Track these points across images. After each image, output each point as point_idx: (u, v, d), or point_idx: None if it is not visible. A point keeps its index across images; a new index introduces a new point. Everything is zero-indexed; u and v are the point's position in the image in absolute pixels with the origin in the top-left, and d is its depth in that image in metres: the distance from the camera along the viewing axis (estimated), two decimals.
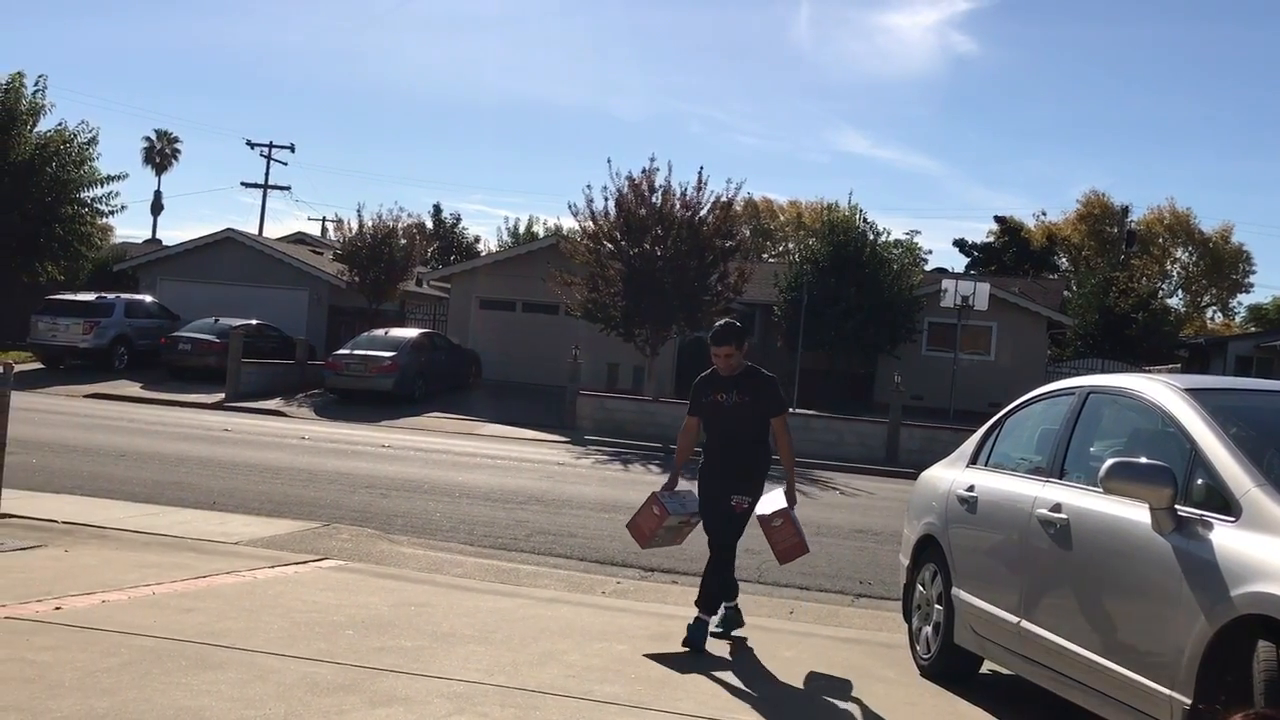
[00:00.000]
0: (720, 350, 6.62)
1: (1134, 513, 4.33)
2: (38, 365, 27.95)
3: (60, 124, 34.21)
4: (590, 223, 25.04)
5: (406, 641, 5.65)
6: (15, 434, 9.14)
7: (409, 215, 34.90)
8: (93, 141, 34.50)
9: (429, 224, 54.85)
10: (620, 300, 24.37)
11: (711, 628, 6.45)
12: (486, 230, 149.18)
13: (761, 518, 6.67)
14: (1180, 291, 66.15)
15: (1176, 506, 4.15)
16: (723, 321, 6.79)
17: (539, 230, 59.05)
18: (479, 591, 7.15)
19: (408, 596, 6.79)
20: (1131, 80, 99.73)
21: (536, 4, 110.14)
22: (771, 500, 6.80)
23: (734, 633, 6.72)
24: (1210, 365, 36.02)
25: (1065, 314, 37.45)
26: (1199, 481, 4.20)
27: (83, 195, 34.43)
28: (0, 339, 31.48)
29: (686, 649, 6.11)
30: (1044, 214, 67.76)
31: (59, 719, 4.03)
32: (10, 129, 32.46)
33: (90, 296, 29.57)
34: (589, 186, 32.94)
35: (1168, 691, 3.95)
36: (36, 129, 33.65)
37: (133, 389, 25.82)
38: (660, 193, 24.73)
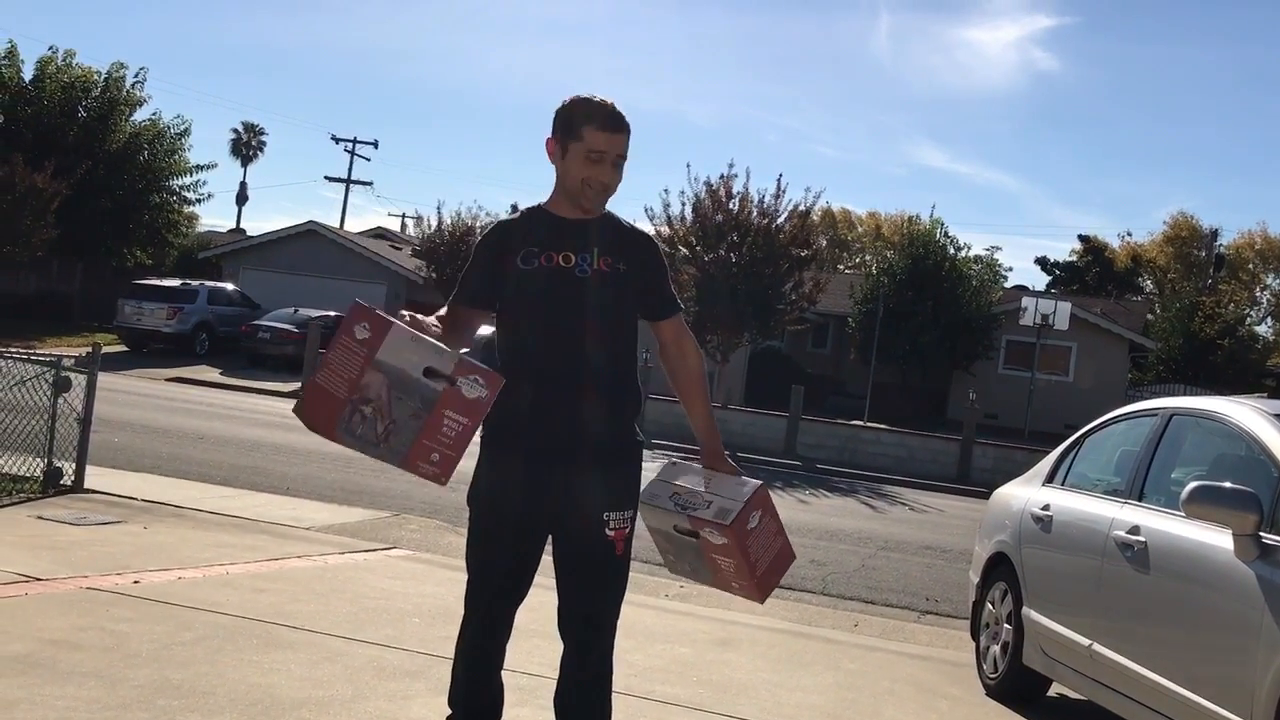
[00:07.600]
0: (605, 139, 3.19)
1: (1216, 538, 4.23)
2: (122, 348, 28.67)
3: (155, 114, 35.30)
4: (665, 227, 25.06)
5: None
6: (100, 413, 9.39)
7: (487, 214, 35.25)
8: (185, 134, 35.50)
9: None
10: (693, 306, 24.36)
11: None
12: None
13: (726, 526, 3.24)
14: (1270, 319, 64.39)
15: (1261, 533, 4.05)
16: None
17: None
18: (543, 588, 7.16)
19: None
20: (1222, 102, 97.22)
21: (616, 11, 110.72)
22: (692, 482, 3.40)
23: None
24: None
25: (1148, 337, 36.65)
26: None
27: (171, 183, 35.46)
28: (88, 321, 32.41)
29: None
30: (1129, 234, 66.50)
31: (136, 687, 4.14)
32: (109, 118, 33.53)
33: (175, 283, 30.32)
34: (665, 191, 33.04)
35: None
36: (132, 118, 34.71)
37: (212, 374, 26.40)
38: (737, 199, 24.68)
